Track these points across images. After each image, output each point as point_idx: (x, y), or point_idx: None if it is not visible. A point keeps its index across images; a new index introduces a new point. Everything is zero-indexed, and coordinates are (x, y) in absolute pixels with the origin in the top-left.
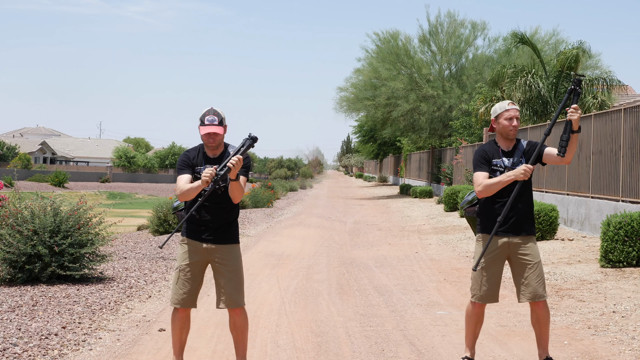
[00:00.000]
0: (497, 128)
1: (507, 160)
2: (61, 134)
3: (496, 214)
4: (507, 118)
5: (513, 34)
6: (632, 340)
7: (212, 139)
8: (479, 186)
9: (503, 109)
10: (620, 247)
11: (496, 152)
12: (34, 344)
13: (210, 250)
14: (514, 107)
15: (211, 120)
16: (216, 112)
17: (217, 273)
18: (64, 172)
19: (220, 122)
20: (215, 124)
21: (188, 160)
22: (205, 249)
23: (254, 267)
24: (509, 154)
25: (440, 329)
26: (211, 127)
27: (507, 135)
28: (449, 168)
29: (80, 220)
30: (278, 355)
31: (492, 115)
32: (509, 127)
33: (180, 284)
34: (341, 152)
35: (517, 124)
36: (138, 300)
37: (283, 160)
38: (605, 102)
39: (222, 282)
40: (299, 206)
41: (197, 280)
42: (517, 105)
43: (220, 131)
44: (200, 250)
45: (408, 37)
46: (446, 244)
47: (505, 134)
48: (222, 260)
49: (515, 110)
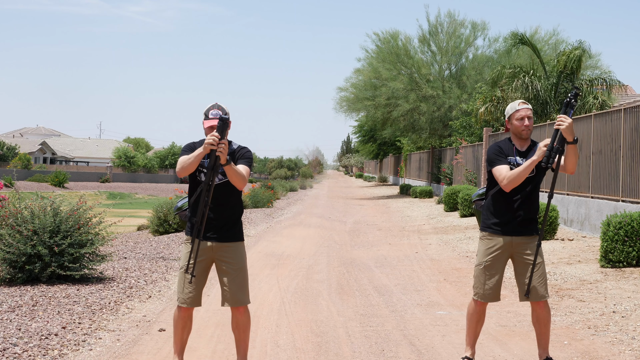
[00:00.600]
0: (510, 129)
1: (521, 160)
2: (61, 134)
3: (503, 212)
4: (518, 118)
5: (513, 34)
6: (632, 340)
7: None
8: (503, 180)
9: (514, 109)
10: (620, 247)
11: (510, 150)
12: (34, 344)
13: (214, 248)
14: (525, 107)
15: (215, 114)
16: (220, 107)
17: (222, 271)
18: (64, 172)
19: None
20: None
21: (194, 147)
22: (209, 248)
23: (254, 267)
24: (523, 154)
25: (440, 329)
26: (214, 121)
27: (520, 135)
28: (449, 168)
29: (80, 220)
30: (278, 355)
31: (505, 116)
32: (520, 127)
33: (186, 283)
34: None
35: (529, 123)
36: (138, 300)
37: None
38: (606, 102)
39: (226, 280)
40: (299, 206)
41: (201, 279)
42: (528, 105)
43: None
44: (204, 248)
45: (408, 37)
46: (446, 244)
47: (518, 134)
48: (226, 259)
49: (527, 110)
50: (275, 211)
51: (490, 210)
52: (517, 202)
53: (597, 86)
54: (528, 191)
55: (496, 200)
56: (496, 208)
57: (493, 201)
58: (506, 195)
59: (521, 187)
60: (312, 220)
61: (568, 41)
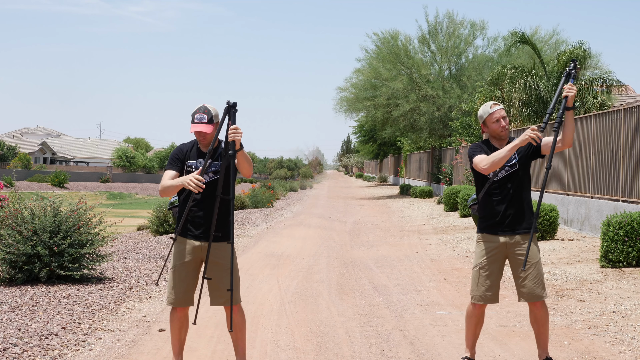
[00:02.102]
0: (487, 132)
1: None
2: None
3: (493, 213)
4: (494, 120)
5: (513, 33)
6: (632, 340)
7: (201, 137)
8: (484, 163)
9: (487, 113)
10: (620, 247)
11: (490, 149)
12: (34, 344)
13: (204, 247)
14: (497, 108)
15: (200, 118)
16: (206, 110)
17: (212, 271)
18: (64, 173)
19: (209, 120)
20: (204, 122)
21: (180, 155)
22: (199, 247)
23: (254, 267)
24: None
25: (440, 329)
26: (199, 126)
27: (499, 136)
28: (449, 168)
29: (80, 221)
30: (278, 355)
31: (479, 120)
32: (498, 129)
33: (177, 283)
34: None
35: (505, 123)
36: (138, 300)
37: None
38: (606, 102)
39: (216, 279)
40: (299, 206)
41: (193, 279)
42: (501, 105)
43: (208, 130)
44: (194, 248)
45: (408, 38)
46: (446, 244)
47: (496, 135)
48: (216, 258)
49: (500, 110)
50: (275, 211)
51: (482, 213)
52: (504, 202)
53: (597, 86)
54: (512, 189)
55: (485, 202)
56: (486, 209)
57: (482, 203)
58: (493, 195)
59: (502, 185)
60: (312, 220)
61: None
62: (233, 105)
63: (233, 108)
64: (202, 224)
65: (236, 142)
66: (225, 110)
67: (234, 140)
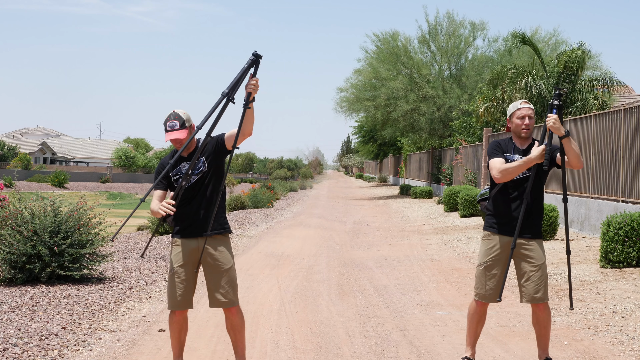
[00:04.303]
0: (511, 127)
1: (520, 158)
2: (61, 134)
3: (503, 212)
4: (519, 117)
5: (513, 34)
6: (632, 340)
7: (177, 143)
8: (496, 172)
9: (515, 107)
10: (620, 248)
11: (509, 147)
12: (34, 344)
13: (200, 248)
14: (526, 106)
15: (172, 125)
16: (177, 116)
17: (209, 271)
18: (64, 173)
19: (182, 125)
20: (177, 129)
21: (162, 169)
22: (196, 248)
23: (254, 267)
24: (523, 153)
25: (440, 329)
26: (172, 134)
27: (519, 134)
28: (449, 168)
29: (80, 221)
30: (278, 355)
31: (507, 114)
32: (521, 126)
33: (176, 286)
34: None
35: (529, 122)
36: (138, 300)
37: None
38: (606, 103)
39: (214, 280)
40: (299, 206)
41: (191, 281)
42: (530, 104)
43: (181, 136)
44: (192, 249)
45: (408, 38)
46: (446, 245)
47: (517, 132)
48: (213, 260)
49: (528, 109)
50: (275, 211)
51: (491, 211)
52: (516, 203)
53: (598, 86)
54: (526, 191)
55: (496, 201)
56: (496, 208)
57: (493, 201)
58: (505, 195)
59: (518, 186)
60: (312, 220)
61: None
62: (260, 57)
63: (259, 59)
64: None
65: (252, 94)
66: (252, 62)
67: (250, 92)
